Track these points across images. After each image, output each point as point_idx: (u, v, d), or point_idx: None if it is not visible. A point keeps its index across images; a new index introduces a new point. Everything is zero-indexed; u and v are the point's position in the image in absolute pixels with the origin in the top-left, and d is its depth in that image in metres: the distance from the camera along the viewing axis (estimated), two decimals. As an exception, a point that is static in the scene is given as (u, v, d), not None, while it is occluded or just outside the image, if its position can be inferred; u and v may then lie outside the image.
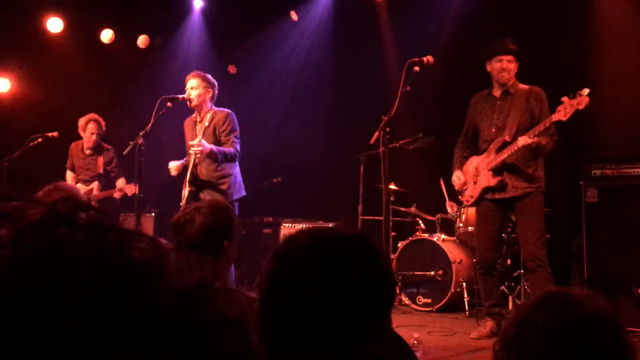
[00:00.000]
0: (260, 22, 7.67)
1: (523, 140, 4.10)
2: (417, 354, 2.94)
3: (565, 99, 3.91)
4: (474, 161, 4.59)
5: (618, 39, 5.62)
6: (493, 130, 4.44)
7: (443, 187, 5.86)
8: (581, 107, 3.85)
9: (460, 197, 4.77)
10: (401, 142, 5.63)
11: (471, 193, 4.56)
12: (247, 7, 7.44)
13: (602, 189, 4.73)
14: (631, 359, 1.17)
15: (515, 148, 4.19)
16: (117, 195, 5.74)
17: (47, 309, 0.46)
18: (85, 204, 0.55)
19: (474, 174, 4.55)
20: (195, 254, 2.16)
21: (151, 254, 0.53)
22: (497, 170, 4.36)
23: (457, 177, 4.63)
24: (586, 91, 3.86)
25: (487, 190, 4.44)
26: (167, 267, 0.53)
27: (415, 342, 3.24)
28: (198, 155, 4.44)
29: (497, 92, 4.47)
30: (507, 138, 4.31)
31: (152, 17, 7.53)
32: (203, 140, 4.43)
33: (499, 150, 4.35)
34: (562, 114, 3.94)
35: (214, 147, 4.44)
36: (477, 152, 4.61)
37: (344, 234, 1.19)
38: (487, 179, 4.41)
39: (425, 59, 3.70)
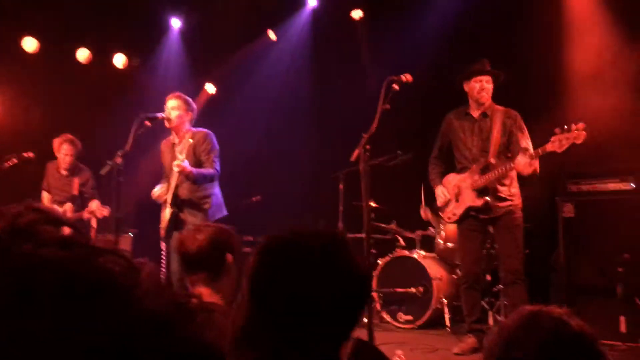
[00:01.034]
0: (239, 42, 7.69)
1: (523, 163, 4.10)
2: (400, 372, 2.93)
3: (557, 130, 3.92)
4: (453, 179, 4.64)
5: (590, 52, 5.73)
6: (474, 150, 4.50)
7: (422, 192, 5.87)
8: (579, 141, 3.86)
9: (440, 212, 4.79)
10: (380, 159, 5.65)
11: (454, 211, 4.60)
12: (225, 27, 7.45)
13: (579, 204, 4.81)
14: None
15: (502, 172, 4.26)
16: (86, 216, 5.62)
17: (3, 337, 0.42)
18: (54, 217, 0.50)
19: (455, 192, 4.59)
20: (193, 270, 2.15)
21: (123, 271, 0.49)
22: (481, 191, 4.43)
23: (442, 193, 4.66)
24: (582, 126, 3.88)
25: (470, 209, 4.49)
26: (139, 286, 0.49)
27: (398, 359, 3.22)
28: (178, 172, 4.42)
29: (475, 113, 4.53)
30: (492, 160, 4.38)
31: (130, 37, 7.50)
32: (186, 161, 4.41)
33: (484, 171, 4.41)
34: (556, 145, 3.93)
35: (193, 170, 4.43)
36: (453, 169, 4.67)
37: (324, 233, 1.25)
38: (472, 199, 4.46)
39: (403, 77, 3.72)
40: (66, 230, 0.51)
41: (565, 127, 3.90)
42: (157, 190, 4.61)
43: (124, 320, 0.46)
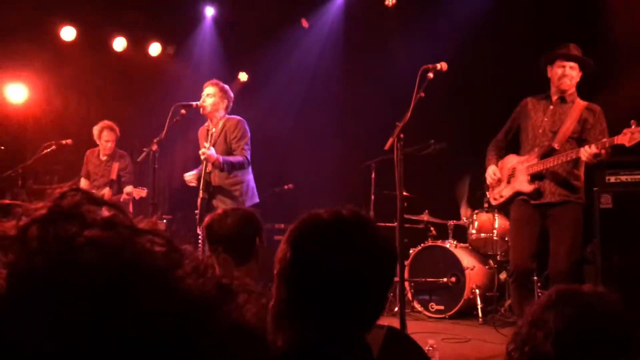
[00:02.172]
0: (272, 30, 7.70)
1: (586, 152, 3.78)
2: (432, 361, 2.93)
3: (633, 122, 3.64)
4: (512, 160, 4.30)
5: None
6: (540, 131, 4.15)
7: (467, 188, 5.76)
8: None
9: (488, 193, 4.52)
10: (412, 148, 5.62)
11: (502, 192, 4.28)
12: (259, 15, 7.48)
13: (617, 195, 4.69)
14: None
15: (563, 160, 3.93)
16: (123, 198, 5.74)
17: (53, 312, 0.43)
18: (96, 197, 0.51)
19: (509, 174, 4.26)
20: (224, 254, 2.17)
21: (166, 252, 0.50)
22: (535, 176, 4.09)
23: (493, 173, 4.30)
24: None
25: (519, 194, 4.16)
26: (181, 267, 0.50)
27: (430, 348, 3.23)
28: (207, 161, 4.47)
29: (554, 97, 4.21)
30: (556, 146, 4.03)
31: (164, 26, 7.58)
32: (212, 148, 4.45)
33: (544, 156, 4.05)
34: (627, 138, 3.65)
35: (220, 157, 4.45)
36: (517, 152, 4.34)
37: (359, 214, 1.26)
38: (523, 184, 4.12)
39: (438, 65, 3.67)
40: (109, 211, 0.51)
41: None
42: (188, 175, 4.66)
43: (166, 301, 0.47)
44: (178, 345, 0.46)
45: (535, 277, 5.02)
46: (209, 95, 4.64)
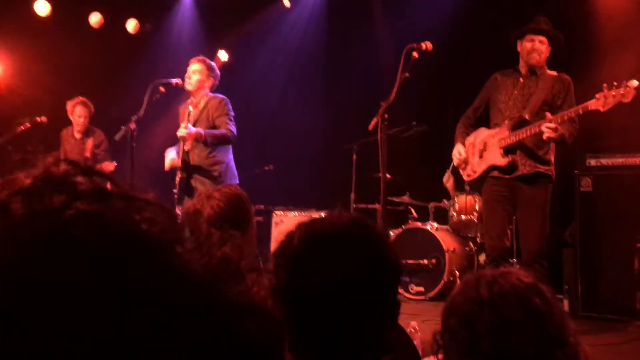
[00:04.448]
0: (253, 8, 7.58)
1: (547, 130, 3.72)
2: (415, 342, 2.91)
3: (605, 86, 3.57)
4: (482, 133, 4.23)
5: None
6: (510, 104, 4.09)
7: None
8: (626, 100, 3.49)
9: (461, 171, 4.44)
10: (394, 130, 5.59)
11: (475, 168, 4.21)
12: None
13: (597, 178, 4.73)
14: (550, 324, 1.16)
15: (534, 131, 3.85)
16: None
17: (36, 292, 0.39)
18: (86, 167, 0.47)
19: (480, 148, 4.20)
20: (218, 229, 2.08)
21: (165, 226, 0.45)
22: (509, 149, 4.02)
23: (457, 152, 4.28)
24: (635, 83, 3.48)
25: (493, 168, 4.10)
26: (183, 242, 0.45)
27: (412, 330, 3.22)
28: (185, 140, 4.38)
29: (523, 70, 4.15)
30: (526, 116, 3.95)
31: (142, 2, 7.41)
32: (189, 125, 4.35)
33: (515, 128, 3.97)
34: (600, 103, 3.53)
35: (201, 130, 4.36)
36: (488, 125, 4.28)
37: (360, 220, 1.20)
38: (496, 157, 4.06)
39: (423, 44, 3.62)
40: (102, 182, 0.47)
41: (615, 83, 3.53)
42: (168, 162, 4.55)
43: (164, 279, 0.42)
44: (176, 328, 0.41)
45: (515, 259, 5.06)
46: (195, 72, 4.54)
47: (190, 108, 4.56)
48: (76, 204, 0.42)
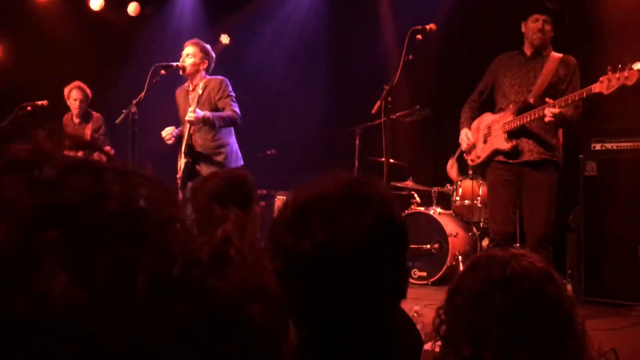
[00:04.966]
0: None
1: (549, 112, 3.67)
2: (418, 327, 2.91)
3: (610, 69, 3.53)
4: (487, 118, 4.18)
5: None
6: (515, 87, 4.03)
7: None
8: (630, 82, 3.45)
9: (465, 156, 4.40)
10: (398, 114, 5.55)
11: (479, 153, 4.17)
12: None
13: (602, 163, 4.70)
14: (560, 311, 1.13)
15: (539, 115, 3.80)
16: None
17: (24, 274, 0.36)
18: (82, 141, 0.44)
19: (485, 133, 4.14)
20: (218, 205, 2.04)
21: (162, 202, 0.43)
22: (513, 134, 3.97)
23: (465, 136, 4.21)
24: (638, 65, 3.50)
25: (497, 152, 4.05)
26: (181, 220, 0.43)
27: (415, 314, 3.22)
28: (194, 125, 4.35)
29: (527, 52, 4.09)
30: (530, 100, 3.90)
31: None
32: (197, 109, 4.32)
33: (520, 112, 3.92)
34: (604, 85, 3.50)
35: (208, 113, 4.33)
36: (493, 110, 4.24)
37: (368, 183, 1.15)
38: (500, 141, 4.01)
39: (427, 26, 3.57)
40: (96, 156, 0.45)
41: (620, 65, 3.49)
42: (166, 131, 4.51)
43: (162, 258, 0.39)
44: (172, 312, 0.39)
45: (518, 244, 5.04)
46: (189, 56, 4.49)
47: (192, 91, 4.52)
48: (67, 178, 0.40)
